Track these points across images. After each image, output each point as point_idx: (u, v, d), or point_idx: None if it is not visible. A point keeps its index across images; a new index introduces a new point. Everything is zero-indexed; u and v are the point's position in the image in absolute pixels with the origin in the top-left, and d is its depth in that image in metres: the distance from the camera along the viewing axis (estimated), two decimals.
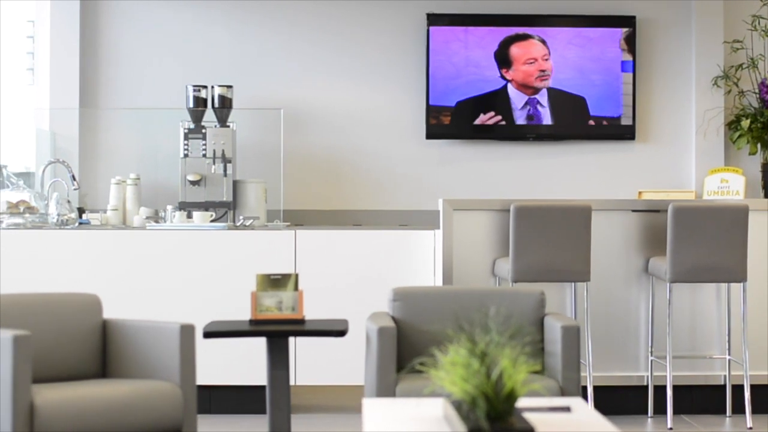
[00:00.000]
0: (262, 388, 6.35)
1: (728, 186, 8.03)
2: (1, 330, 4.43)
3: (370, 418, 3.63)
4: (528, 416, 3.30)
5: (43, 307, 4.88)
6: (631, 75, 8.36)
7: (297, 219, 8.05)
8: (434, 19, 8.31)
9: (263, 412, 6.30)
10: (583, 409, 3.78)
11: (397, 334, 4.89)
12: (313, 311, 5.24)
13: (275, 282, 4.91)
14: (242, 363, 6.39)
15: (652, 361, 6.44)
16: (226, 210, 7.78)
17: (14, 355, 4.29)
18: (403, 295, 5.15)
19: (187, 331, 4.70)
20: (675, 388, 6.33)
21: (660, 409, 6.40)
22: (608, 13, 8.40)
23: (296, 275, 4.93)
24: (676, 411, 6.39)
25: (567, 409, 3.75)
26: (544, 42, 8.36)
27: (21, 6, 8.73)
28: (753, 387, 6.37)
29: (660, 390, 6.42)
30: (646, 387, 6.48)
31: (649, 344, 6.46)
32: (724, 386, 6.50)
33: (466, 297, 5.13)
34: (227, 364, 6.39)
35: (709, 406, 6.53)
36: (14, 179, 7.26)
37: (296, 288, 4.92)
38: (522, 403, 3.41)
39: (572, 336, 4.77)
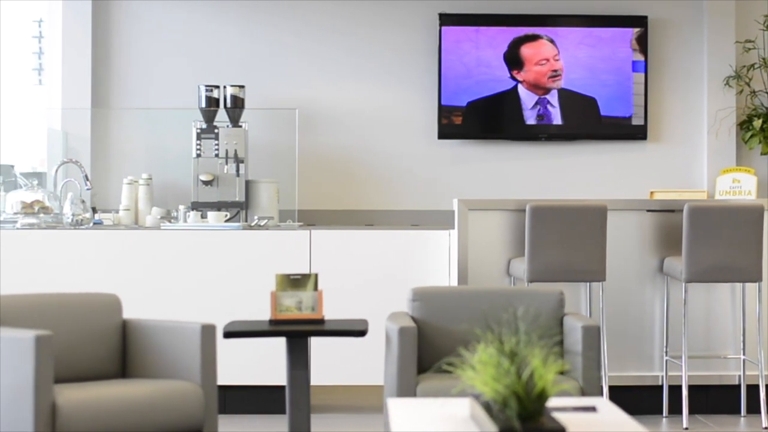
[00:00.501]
0: (277, 388, 6.37)
1: (740, 186, 8.03)
2: (23, 330, 4.43)
3: (396, 418, 3.63)
4: (557, 416, 3.30)
5: (63, 307, 4.88)
6: (642, 75, 8.35)
7: (309, 219, 8.04)
8: (446, 19, 8.31)
9: (278, 412, 6.32)
10: (609, 409, 3.78)
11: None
12: (327, 311, 5.23)
13: (295, 282, 4.91)
14: (258, 363, 6.39)
15: (667, 360, 6.44)
16: (238, 210, 7.78)
17: (36, 355, 4.29)
18: (422, 295, 5.14)
19: (208, 330, 4.70)
20: (690, 387, 6.33)
21: (674, 409, 6.40)
22: (620, 13, 8.39)
23: (316, 275, 4.93)
24: (691, 411, 6.38)
25: (593, 408, 3.75)
26: (553, 41, 8.36)
27: (26, 6, 8.73)
28: None
29: (674, 390, 6.42)
30: (661, 387, 6.47)
31: (664, 344, 6.46)
32: (739, 386, 6.50)
33: (485, 297, 5.12)
34: (243, 364, 6.38)
35: (723, 406, 6.53)
36: (22, 179, 7.27)
37: (316, 288, 4.92)
38: (548, 403, 3.41)
39: (593, 336, 4.77)
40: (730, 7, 8.34)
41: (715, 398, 6.53)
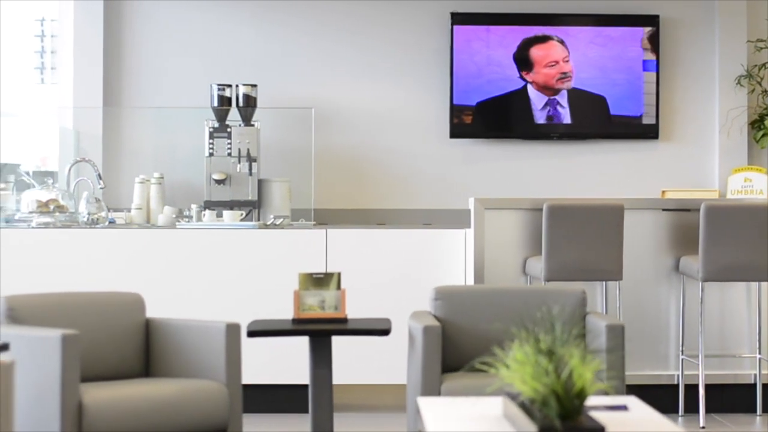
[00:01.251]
0: (295, 386, 6.38)
1: (752, 185, 8.04)
2: (50, 329, 4.43)
3: (430, 417, 3.62)
4: (594, 415, 3.31)
5: (86, 306, 4.88)
6: (653, 74, 8.35)
7: (321, 217, 8.04)
8: (458, 18, 8.31)
9: (296, 411, 6.33)
10: (641, 408, 3.78)
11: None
12: None
13: (318, 281, 4.91)
14: (276, 362, 6.38)
15: (683, 360, 6.45)
16: (251, 209, 7.77)
17: (63, 354, 4.29)
18: (445, 294, 5.14)
19: (232, 330, 4.70)
20: (705, 386, 6.33)
21: (690, 408, 6.41)
22: (631, 13, 8.39)
23: (338, 274, 4.94)
24: (707, 410, 6.38)
25: (624, 407, 3.76)
26: (563, 42, 8.35)
27: (28, 5, 8.71)
28: None
29: (689, 388, 6.43)
30: (677, 386, 6.48)
31: (680, 343, 6.47)
32: (755, 385, 6.51)
33: (507, 296, 5.13)
34: (262, 363, 6.37)
35: (739, 404, 6.54)
36: (28, 178, 7.27)
37: (339, 287, 4.92)
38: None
39: (617, 335, 4.78)
40: (741, 6, 8.33)
41: (730, 397, 6.54)
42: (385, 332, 4.80)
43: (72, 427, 4.27)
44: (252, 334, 4.76)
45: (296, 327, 4.84)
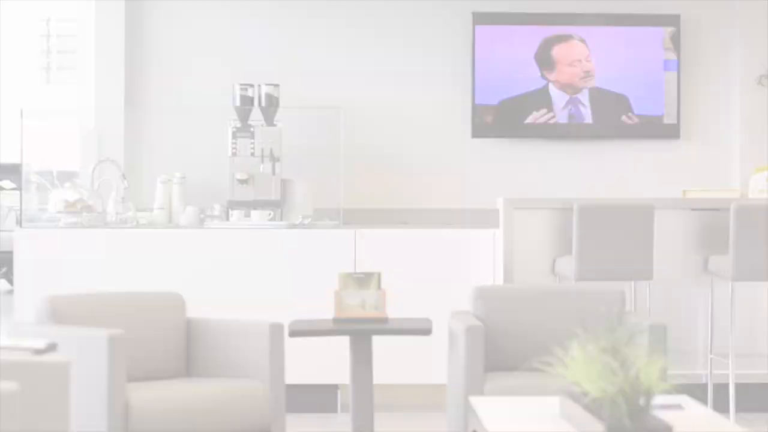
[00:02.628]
0: (326, 386, 6.38)
1: None
2: (95, 329, 4.42)
3: (486, 416, 3.62)
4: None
5: (128, 305, 4.88)
6: (674, 74, 8.35)
7: (343, 217, 8.02)
8: (480, 18, 8.30)
9: (326, 410, 6.33)
10: (696, 407, 3.79)
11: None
12: None
13: (358, 281, 4.92)
14: (309, 362, 6.37)
15: (711, 359, 6.45)
16: (273, 209, 7.75)
17: (109, 354, 4.29)
18: (485, 293, 5.15)
19: (276, 330, 4.70)
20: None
21: (718, 407, 6.41)
22: (652, 12, 8.38)
23: (379, 274, 4.94)
24: (736, 409, 6.39)
25: (679, 406, 3.76)
26: (584, 41, 8.36)
27: (35, 6, 8.71)
28: None
29: (717, 388, 6.44)
30: (705, 385, 6.49)
31: (709, 342, 6.48)
32: None
33: (547, 296, 5.15)
34: (295, 363, 6.35)
35: (765, 404, 6.55)
36: (36, 178, 7.27)
37: (379, 287, 4.92)
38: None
39: (660, 335, 4.78)
40: (762, 6, 8.32)
41: (759, 396, 6.55)
42: (426, 332, 4.80)
43: (119, 426, 4.27)
44: (294, 333, 4.76)
45: (337, 327, 4.85)
